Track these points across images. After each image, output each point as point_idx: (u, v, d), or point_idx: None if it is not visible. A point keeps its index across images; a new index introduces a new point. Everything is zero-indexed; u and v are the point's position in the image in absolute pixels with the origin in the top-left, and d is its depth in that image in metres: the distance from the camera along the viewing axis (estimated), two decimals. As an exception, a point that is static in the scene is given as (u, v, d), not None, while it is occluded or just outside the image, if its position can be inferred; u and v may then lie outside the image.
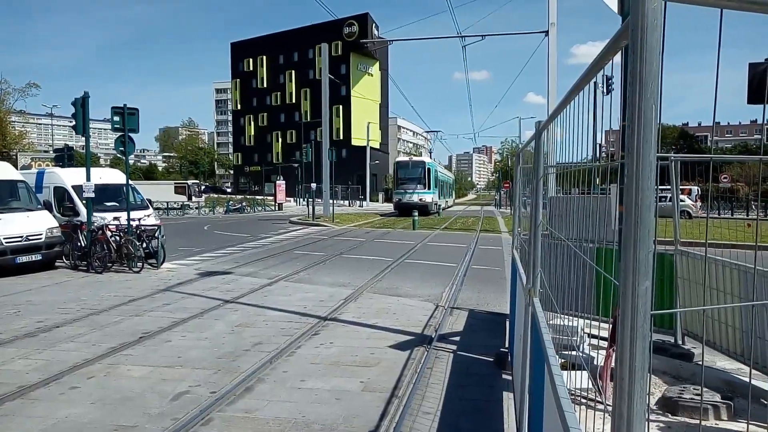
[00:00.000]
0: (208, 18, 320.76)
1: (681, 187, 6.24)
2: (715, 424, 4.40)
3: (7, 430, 4.49)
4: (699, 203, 25.93)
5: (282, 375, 5.77)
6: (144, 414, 4.76)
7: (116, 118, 13.47)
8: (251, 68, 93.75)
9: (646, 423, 1.11)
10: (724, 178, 29.92)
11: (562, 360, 4.02)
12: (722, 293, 5.27)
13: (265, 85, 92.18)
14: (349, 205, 59.21)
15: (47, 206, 14.25)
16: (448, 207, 54.42)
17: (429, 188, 39.41)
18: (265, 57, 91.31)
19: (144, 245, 13.17)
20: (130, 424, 4.56)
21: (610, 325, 4.31)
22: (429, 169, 39.81)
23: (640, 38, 1.01)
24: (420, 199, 38.00)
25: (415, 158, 43.54)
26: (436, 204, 41.09)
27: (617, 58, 1.40)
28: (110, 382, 5.55)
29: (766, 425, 4.15)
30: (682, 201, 18.26)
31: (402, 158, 46.12)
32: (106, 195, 14.82)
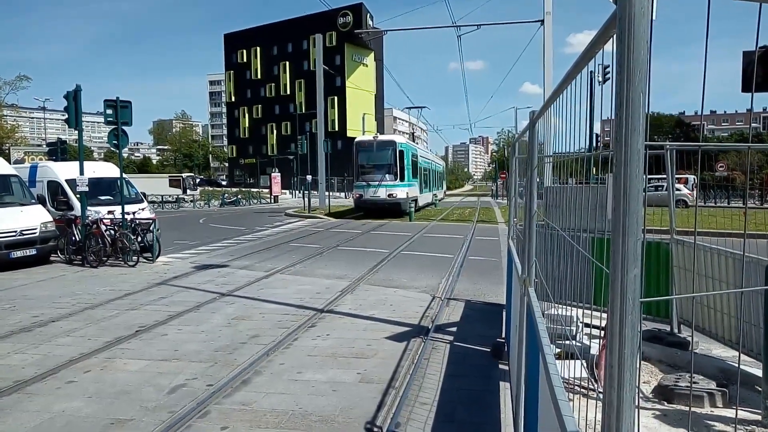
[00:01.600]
0: (201, 9, 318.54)
1: (677, 176, 6.24)
2: (711, 411, 4.43)
3: (4, 424, 4.48)
4: (695, 192, 26.03)
5: (279, 367, 5.77)
6: (141, 407, 4.76)
7: (109, 111, 13.35)
8: (245, 60, 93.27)
9: (636, 411, 1.12)
10: (720, 166, 29.93)
11: (558, 349, 4.04)
12: (717, 281, 5.30)
13: (259, 77, 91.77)
14: (345, 197, 59.16)
15: (41, 201, 14.18)
16: (438, 201, 43.86)
17: (402, 179, 27.56)
18: (258, 48, 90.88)
19: (139, 239, 13.12)
20: (127, 418, 4.55)
21: (606, 314, 4.33)
22: (402, 152, 27.76)
23: (628, 27, 1.02)
24: (390, 195, 26.97)
25: (382, 137, 29.80)
26: (413, 200, 29.38)
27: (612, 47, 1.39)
28: (106, 376, 5.54)
29: (759, 411, 4.19)
30: (678, 190, 18.30)
31: (363, 137, 32.04)
32: (100, 189, 14.74)
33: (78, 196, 13.49)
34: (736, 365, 5.14)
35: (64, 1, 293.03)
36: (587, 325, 5.28)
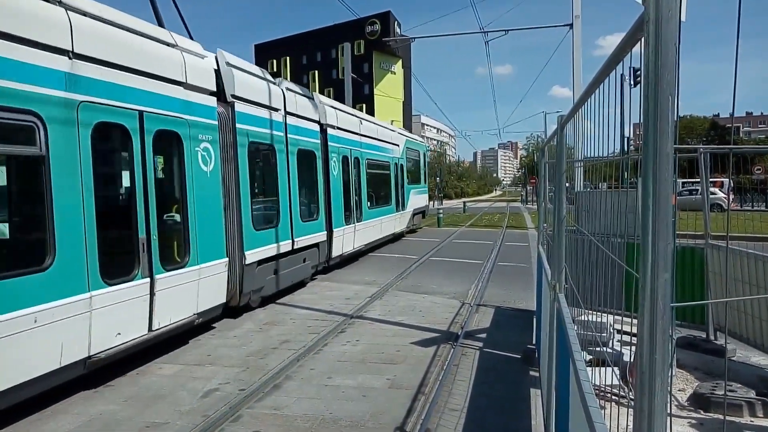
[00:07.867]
0: (232, 21, 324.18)
1: (712, 179, 6.11)
2: (750, 420, 4.31)
3: (45, 426, 4.63)
4: (732, 196, 25.27)
5: (309, 372, 5.82)
6: (175, 411, 4.86)
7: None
8: (275, 69, 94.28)
9: (668, 418, 1.09)
10: (757, 169, 28.99)
11: (590, 356, 3.98)
12: (755, 287, 5.15)
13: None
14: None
15: None
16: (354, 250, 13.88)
17: None
18: (288, 58, 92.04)
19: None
20: (162, 421, 4.65)
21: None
22: None
23: (655, 30, 1.00)
24: None
25: None
26: None
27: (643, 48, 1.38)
28: (142, 380, 5.67)
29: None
30: (713, 194, 17.81)
31: None
32: None
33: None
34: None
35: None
36: (621, 332, 5.20)
